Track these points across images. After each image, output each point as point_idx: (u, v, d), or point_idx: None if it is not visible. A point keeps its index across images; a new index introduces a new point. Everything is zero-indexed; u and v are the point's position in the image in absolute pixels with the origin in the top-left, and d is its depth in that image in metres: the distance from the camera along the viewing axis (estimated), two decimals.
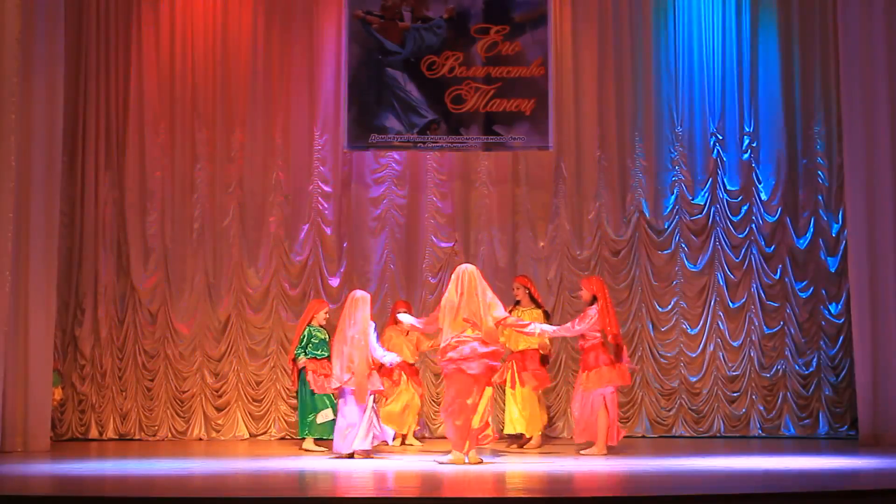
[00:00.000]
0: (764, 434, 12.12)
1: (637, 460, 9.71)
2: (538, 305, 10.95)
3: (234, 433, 12.17)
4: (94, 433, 12.07)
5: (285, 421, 12.21)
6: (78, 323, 12.12)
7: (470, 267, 9.62)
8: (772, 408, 12.20)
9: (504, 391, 11.03)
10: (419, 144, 12.26)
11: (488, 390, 9.44)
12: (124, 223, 12.26)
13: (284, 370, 12.22)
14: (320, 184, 12.46)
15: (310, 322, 10.83)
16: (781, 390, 12.22)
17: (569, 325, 10.27)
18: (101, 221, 12.22)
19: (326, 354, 10.68)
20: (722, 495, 7.27)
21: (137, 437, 12.10)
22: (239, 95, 12.44)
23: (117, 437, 12.07)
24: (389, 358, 10.14)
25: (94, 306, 12.15)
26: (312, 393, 10.71)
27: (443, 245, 12.45)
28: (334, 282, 12.38)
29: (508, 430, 10.91)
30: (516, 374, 10.80)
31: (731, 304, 12.34)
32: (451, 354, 9.32)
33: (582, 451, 10.23)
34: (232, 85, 12.45)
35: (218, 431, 12.17)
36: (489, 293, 9.48)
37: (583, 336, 10.25)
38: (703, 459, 9.76)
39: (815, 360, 12.22)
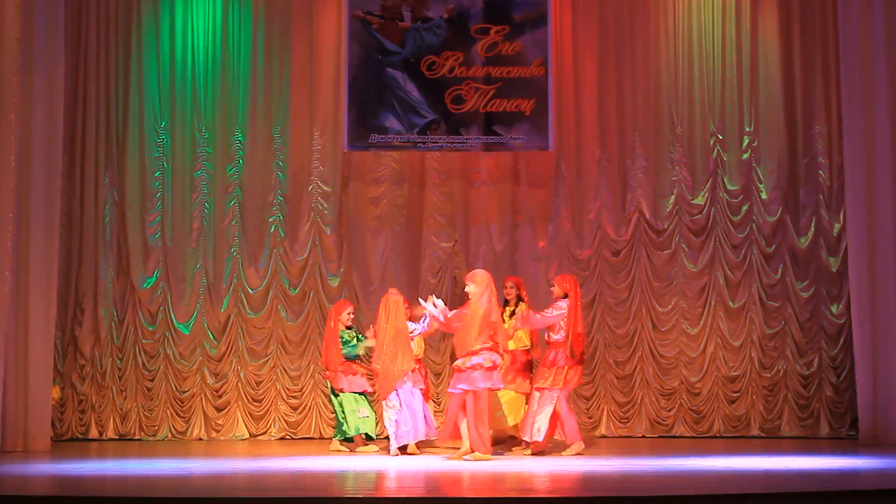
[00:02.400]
0: (764, 434, 12.11)
1: (637, 460, 9.70)
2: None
3: (234, 433, 12.17)
4: (94, 433, 12.07)
5: (285, 421, 12.21)
6: (78, 323, 12.12)
7: (488, 274, 10.00)
8: (772, 408, 12.19)
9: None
10: (419, 144, 12.26)
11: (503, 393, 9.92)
12: (124, 223, 12.26)
13: (285, 370, 12.24)
14: (320, 184, 12.45)
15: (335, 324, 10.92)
16: (782, 390, 12.20)
17: (540, 315, 10.24)
18: (101, 221, 12.22)
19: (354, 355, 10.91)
20: (722, 495, 7.27)
21: (137, 437, 12.10)
22: (239, 95, 12.44)
23: (117, 437, 12.07)
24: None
25: (94, 306, 12.14)
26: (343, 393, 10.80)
27: (443, 245, 12.45)
28: (334, 282, 12.38)
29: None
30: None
31: (731, 304, 12.32)
32: (474, 360, 9.69)
33: (564, 453, 10.18)
34: (232, 85, 12.44)
35: (218, 431, 12.17)
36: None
37: (549, 330, 10.27)
38: (703, 459, 9.76)
39: (815, 360, 12.20)
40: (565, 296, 10.28)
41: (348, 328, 10.99)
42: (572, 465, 9.34)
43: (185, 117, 12.40)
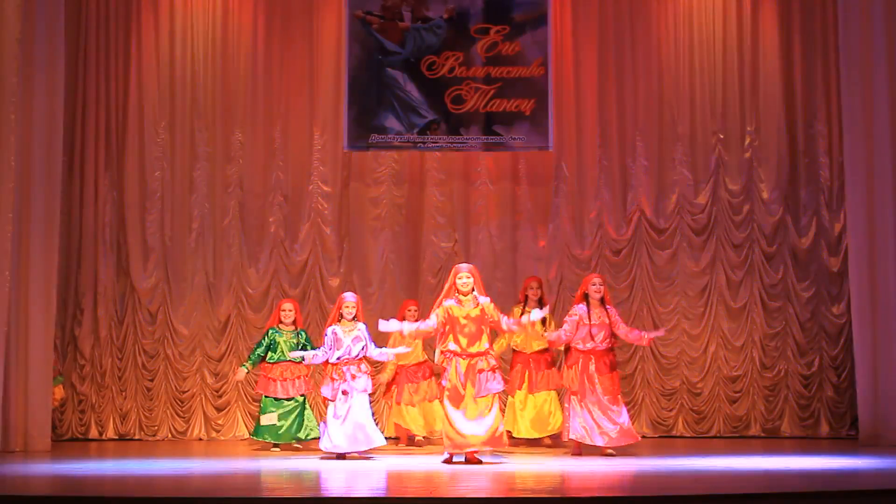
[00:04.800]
0: (765, 434, 12.10)
1: (637, 460, 9.70)
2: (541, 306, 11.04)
3: (234, 433, 12.17)
4: (94, 433, 12.07)
5: None
6: (77, 323, 12.12)
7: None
8: (773, 408, 12.18)
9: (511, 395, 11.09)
10: (419, 144, 12.26)
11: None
12: (124, 223, 12.26)
13: None
14: (320, 184, 12.46)
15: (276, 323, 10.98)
16: (783, 391, 12.20)
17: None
18: (101, 221, 12.22)
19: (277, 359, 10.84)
20: (722, 495, 7.25)
21: (137, 437, 12.10)
22: (239, 95, 12.44)
23: (117, 437, 12.07)
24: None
25: (94, 306, 12.15)
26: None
27: (443, 245, 12.45)
28: (334, 282, 12.38)
29: (521, 433, 10.95)
30: (530, 377, 10.93)
31: (732, 304, 12.32)
32: None
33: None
34: (232, 85, 12.45)
35: (218, 431, 12.17)
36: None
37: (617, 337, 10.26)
38: (703, 459, 9.75)
39: (816, 360, 12.20)
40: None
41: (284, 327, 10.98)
42: (572, 465, 9.33)
43: (185, 117, 12.40)
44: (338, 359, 9.96)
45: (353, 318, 10.05)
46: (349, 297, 10.15)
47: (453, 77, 12.21)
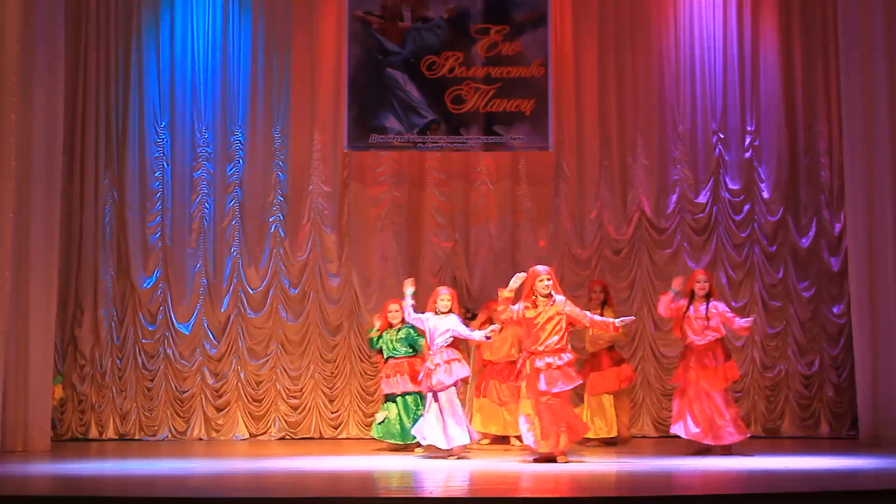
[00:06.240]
0: (765, 434, 12.10)
1: (637, 460, 9.70)
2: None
3: (234, 433, 12.17)
4: (94, 433, 12.07)
5: (285, 421, 12.21)
6: (77, 323, 12.12)
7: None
8: (774, 408, 12.18)
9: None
10: (419, 144, 12.26)
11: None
12: (124, 223, 12.26)
13: (285, 370, 12.23)
14: (320, 184, 12.45)
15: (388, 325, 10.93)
16: (783, 390, 12.20)
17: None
18: (101, 221, 12.22)
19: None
20: (722, 495, 7.26)
21: (137, 437, 12.10)
22: (239, 95, 12.44)
23: (117, 437, 12.07)
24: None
25: (94, 306, 12.14)
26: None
27: (443, 245, 12.44)
28: (334, 282, 12.38)
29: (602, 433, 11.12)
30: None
31: (733, 304, 12.30)
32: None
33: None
34: (232, 85, 12.45)
35: (218, 431, 12.16)
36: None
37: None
38: (704, 459, 9.75)
39: (817, 360, 12.20)
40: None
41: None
42: (573, 465, 9.32)
43: (185, 117, 12.40)
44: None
45: (449, 311, 10.12)
46: (445, 290, 10.26)
47: (453, 77, 12.21)
